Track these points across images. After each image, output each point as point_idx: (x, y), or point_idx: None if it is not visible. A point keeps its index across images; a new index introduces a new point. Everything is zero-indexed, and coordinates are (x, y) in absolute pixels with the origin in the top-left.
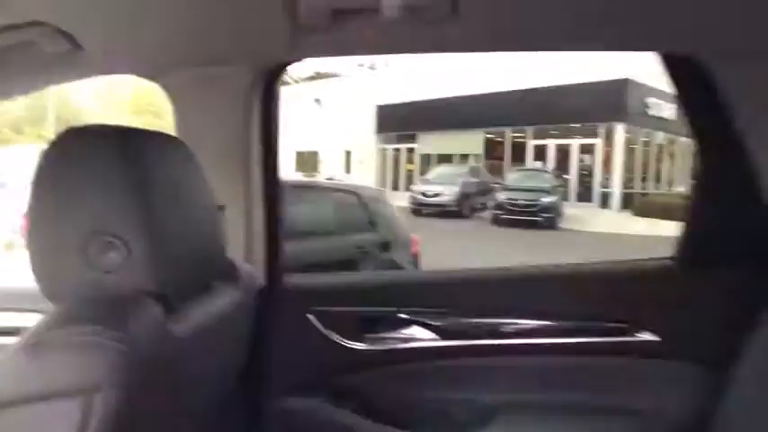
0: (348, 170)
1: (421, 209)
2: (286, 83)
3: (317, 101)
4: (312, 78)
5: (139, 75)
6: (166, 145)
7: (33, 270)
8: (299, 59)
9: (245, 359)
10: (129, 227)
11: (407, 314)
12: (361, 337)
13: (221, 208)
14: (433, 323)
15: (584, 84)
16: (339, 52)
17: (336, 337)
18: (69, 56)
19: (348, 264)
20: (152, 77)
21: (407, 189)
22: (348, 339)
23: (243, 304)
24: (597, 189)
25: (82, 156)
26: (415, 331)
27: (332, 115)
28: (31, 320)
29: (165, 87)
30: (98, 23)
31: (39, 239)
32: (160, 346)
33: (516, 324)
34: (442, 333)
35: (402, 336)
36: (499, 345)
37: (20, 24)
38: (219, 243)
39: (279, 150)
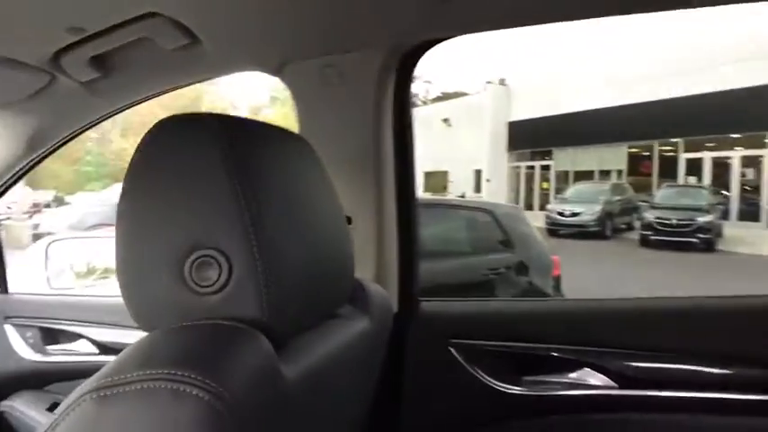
0: (478, 189)
1: (558, 229)
2: (414, 104)
3: (446, 121)
4: (440, 99)
5: (262, 69)
6: (286, 142)
7: (121, 289)
8: (439, 38)
9: (374, 399)
10: (233, 239)
11: (572, 353)
12: (515, 378)
13: (349, 220)
14: (606, 366)
15: (746, 88)
16: (486, 26)
17: (483, 376)
18: (189, 52)
19: (480, 287)
20: (275, 72)
21: (542, 208)
22: (498, 380)
23: (373, 335)
24: (766, 206)
25: (180, 151)
26: (584, 375)
27: (461, 134)
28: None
29: (289, 83)
30: (216, 14)
31: (127, 253)
32: (266, 395)
33: (721, 372)
34: (620, 379)
35: (567, 380)
36: (700, 398)
37: (135, 18)
38: (347, 261)
39: (414, 153)
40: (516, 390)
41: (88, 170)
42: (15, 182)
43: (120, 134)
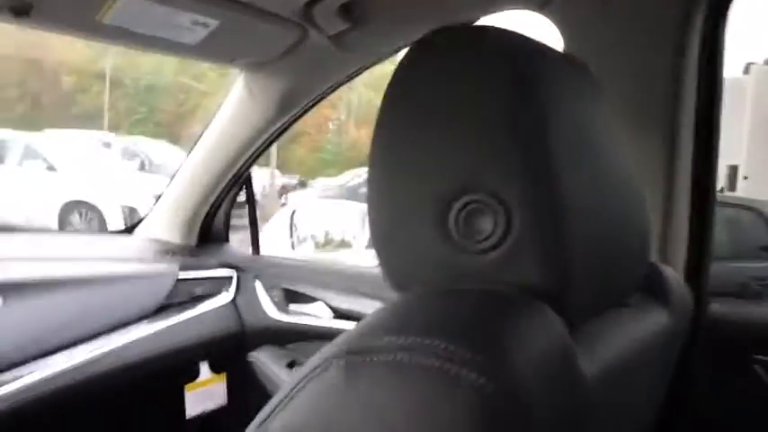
0: (732, 188)
1: None
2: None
3: None
4: None
5: (524, 5)
6: (581, 79)
7: (373, 242)
8: None
9: (660, 415)
10: (514, 182)
11: None
12: None
13: None
14: None
15: None
16: None
17: None
18: None
19: (741, 298)
20: (540, 7)
21: None
22: None
23: (671, 333)
24: None
25: (452, 68)
26: None
27: None
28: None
29: (558, 20)
30: None
31: (380, 196)
32: (562, 393)
33: None
34: None
35: None
36: None
37: None
38: (646, 237)
39: (720, 115)
40: None
41: (327, 158)
42: (266, 147)
43: (355, 126)
